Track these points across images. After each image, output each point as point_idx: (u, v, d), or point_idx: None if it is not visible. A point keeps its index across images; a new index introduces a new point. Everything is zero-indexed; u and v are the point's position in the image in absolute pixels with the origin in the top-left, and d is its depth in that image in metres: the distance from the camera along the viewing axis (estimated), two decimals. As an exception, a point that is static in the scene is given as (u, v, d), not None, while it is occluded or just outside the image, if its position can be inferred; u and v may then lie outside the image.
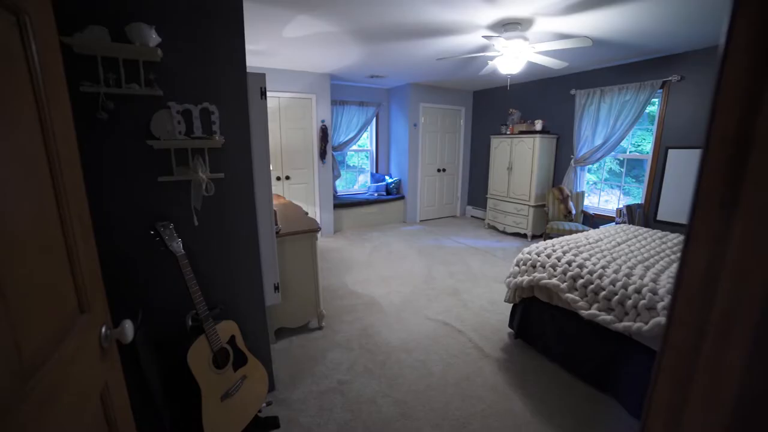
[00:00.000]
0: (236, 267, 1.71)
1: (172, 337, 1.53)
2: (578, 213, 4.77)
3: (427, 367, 2.33)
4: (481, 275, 3.93)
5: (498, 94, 6.05)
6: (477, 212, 6.73)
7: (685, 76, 3.79)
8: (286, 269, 2.45)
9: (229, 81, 1.54)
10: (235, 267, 1.70)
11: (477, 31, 3.00)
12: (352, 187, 6.66)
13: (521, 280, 2.35)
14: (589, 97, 4.53)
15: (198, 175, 1.44)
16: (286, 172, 5.00)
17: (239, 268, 1.72)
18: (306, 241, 2.51)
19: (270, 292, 1.89)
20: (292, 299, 2.53)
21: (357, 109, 5.90)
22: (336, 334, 2.70)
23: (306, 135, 5.07)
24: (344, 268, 4.12)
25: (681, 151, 3.90)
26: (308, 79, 4.88)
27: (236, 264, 1.71)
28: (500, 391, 2.11)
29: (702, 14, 2.73)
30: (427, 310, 3.10)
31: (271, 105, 4.70)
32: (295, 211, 3.15)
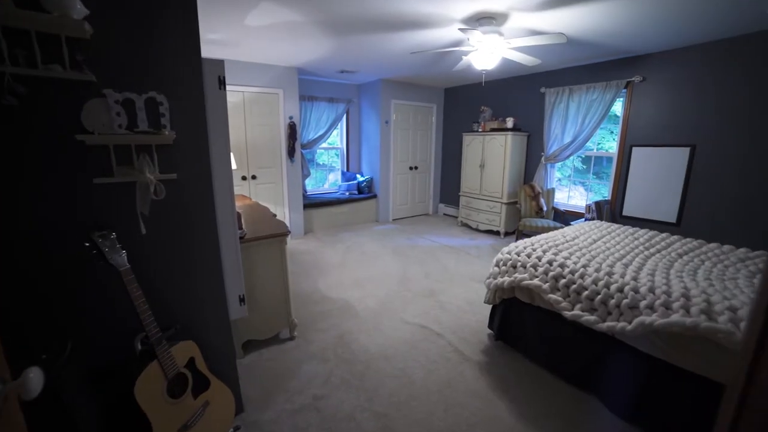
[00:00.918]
0: (194, 280, 1.50)
1: (119, 366, 1.31)
2: (549, 210, 4.85)
3: (407, 375, 2.22)
4: (457, 275, 3.88)
5: (469, 91, 6.05)
6: (449, 210, 6.73)
7: (647, 77, 3.92)
8: (253, 277, 2.25)
9: (181, 67, 1.32)
10: (192, 280, 1.50)
11: (452, 25, 2.92)
12: (322, 186, 6.44)
13: (502, 281, 2.29)
14: (559, 95, 4.60)
15: (144, 176, 1.23)
16: (252, 171, 4.72)
17: (198, 280, 1.52)
18: (274, 246, 2.32)
19: (235, 305, 1.70)
20: (260, 309, 2.33)
21: (326, 105, 5.70)
22: (310, 344, 2.53)
23: (273, 132, 4.81)
24: (316, 271, 3.94)
25: (644, 149, 4.04)
26: (274, 72, 4.62)
27: (194, 276, 1.50)
28: (484, 397, 2.04)
29: (666, 18, 2.80)
30: (404, 314, 3.00)
31: (234, 99, 4.41)
32: (262, 212, 2.94)
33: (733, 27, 3.09)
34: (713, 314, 1.60)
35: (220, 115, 1.47)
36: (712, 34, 3.27)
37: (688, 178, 3.76)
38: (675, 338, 1.64)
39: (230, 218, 1.66)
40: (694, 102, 3.65)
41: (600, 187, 4.94)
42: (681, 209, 3.84)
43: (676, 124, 3.80)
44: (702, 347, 1.58)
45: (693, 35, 3.30)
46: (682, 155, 3.78)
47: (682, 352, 1.63)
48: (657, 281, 1.84)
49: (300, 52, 3.98)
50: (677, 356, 1.65)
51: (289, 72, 4.73)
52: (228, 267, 1.65)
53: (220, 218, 1.59)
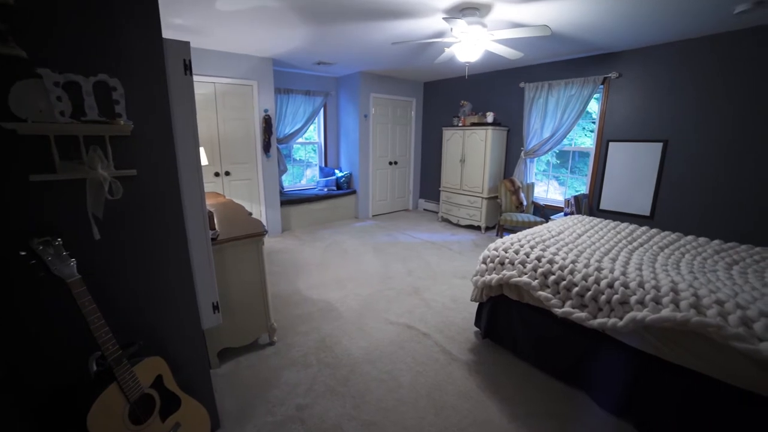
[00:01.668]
0: (160, 288, 1.34)
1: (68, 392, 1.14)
2: (529, 204, 4.89)
3: (394, 378, 2.13)
4: (440, 271, 3.83)
5: (449, 85, 6.00)
6: (429, 205, 6.70)
7: (623, 74, 3.99)
8: (228, 281, 2.09)
9: (138, 47, 1.15)
10: (158, 289, 1.33)
11: (434, 15, 2.83)
12: (299, 182, 6.24)
13: (490, 278, 2.24)
14: (538, 90, 4.62)
15: (96, 173, 1.06)
16: (225, 167, 4.48)
17: (164, 289, 1.35)
18: (251, 247, 2.16)
19: (208, 313, 1.55)
20: (237, 315, 2.17)
21: (303, 98, 5.49)
22: (291, 349, 2.39)
23: (247, 126, 4.57)
24: (295, 271, 3.78)
25: (620, 144, 4.11)
26: (248, 63, 4.39)
27: (160, 285, 1.34)
28: (474, 398, 1.98)
29: (641, 15, 2.82)
30: (388, 313, 2.91)
31: (205, 91, 4.15)
32: (237, 211, 2.76)
33: (703, 27, 3.17)
34: (701, 308, 1.59)
35: (187, 104, 1.31)
36: (684, 33, 3.35)
37: (661, 173, 3.86)
38: (665, 333, 1.63)
39: (200, 218, 1.51)
40: (665, 98, 3.74)
41: (573, 181, 5.03)
42: (654, 202, 3.95)
43: (649, 120, 3.89)
44: (691, 341, 1.58)
45: (665, 34, 3.37)
46: (655, 150, 3.88)
47: (671, 346, 1.63)
48: (645, 276, 1.83)
49: (275, 42, 3.77)
50: (667, 351, 1.64)
51: (264, 63, 4.51)
52: (199, 272, 1.49)
53: (189, 218, 1.44)
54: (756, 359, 1.43)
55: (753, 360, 1.44)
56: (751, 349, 1.42)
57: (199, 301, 1.47)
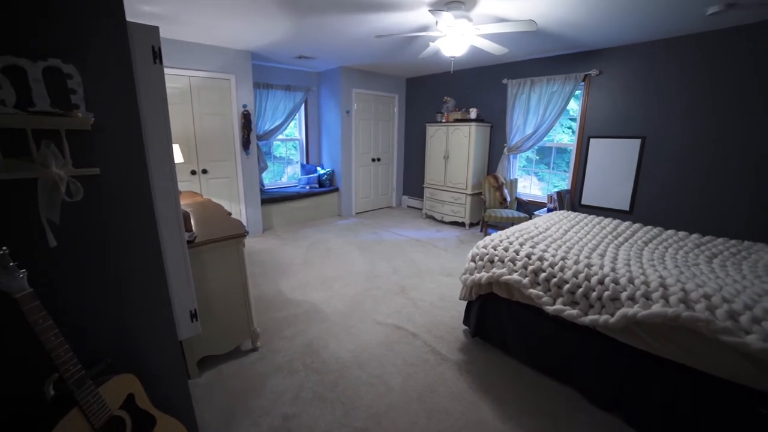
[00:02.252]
0: (130, 298, 1.22)
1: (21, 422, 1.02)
2: (513, 200, 4.92)
3: (385, 382, 2.07)
4: (426, 269, 3.79)
5: (432, 81, 5.96)
6: (413, 202, 6.66)
7: (603, 71, 4.04)
8: (207, 286, 1.97)
9: (97, 29, 1.02)
10: (127, 299, 1.21)
11: (419, 9, 2.75)
12: (279, 179, 6.07)
13: (479, 276, 2.20)
14: (520, 86, 4.63)
15: (50, 172, 0.93)
16: (202, 165, 4.28)
17: (135, 299, 1.23)
18: (231, 249, 2.04)
19: (185, 322, 1.44)
20: (217, 321, 2.05)
21: (283, 93, 5.33)
22: (275, 355, 2.29)
23: (225, 122, 4.39)
24: (278, 272, 3.66)
25: (601, 140, 4.18)
26: (225, 56, 4.20)
27: (129, 294, 1.22)
28: (466, 400, 1.95)
29: (622, 13, 2.85)
30: (375, 314, 2.84)
31: (179, 85, 3.94)
32: (215, 211, 2.62)
33: (679, 27, 3.25)
34: (690, 303, 1.60)
35: (157, 95, 1.19)
36: (660, 32, 3.42)
37: (639, 168, 3.95)
38: (655, 328, 1.64)
39: (175, 220, 1.39)
40: (643, 95, 3.82)
41: (551, 176, 5.11)
42: (633, 197, 4.03)
43: (628, 117, 3.96)
44: (681, 336, 1.59)
45: (643, 33, 3.43)
46: (634, 146, 3.96)
47: (662, 341, 1.63)
48: (635, 271, 1.84)
49: (254, 34, 3.61)
50: (657, 346, 1.65)
51: (242, 56, 4.33)
52: (175, 278, 1.38)
53: (162, 221, 1.32)
54: (743, 352, 1.45)
55: (741, 353, 1.46)
56: (739, 342, 1.43)
57: (175, 310, 1.35)
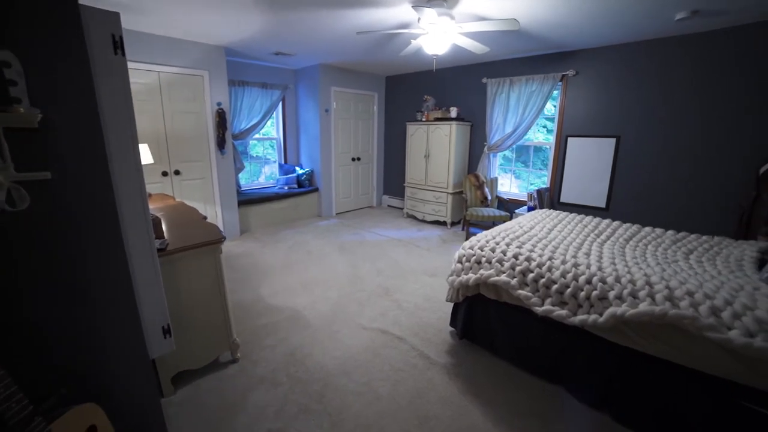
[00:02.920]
0: (91, 318, 1.09)
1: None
2: (493, 198, 4.95)
3: (372, 390, 2.00)
4: (409, 269, 3.75)
5: (411, 79, 5.92)
6: (394, 201, 6.62)
7: (580, 71, 4.12)
8: (182, 297, 1.83)
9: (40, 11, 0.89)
10: (88, 318, 1.08)
11: (401, 5, 2.69)
12: (256, 180, 5.88)
13: (467, 278, 2.17)
14: (500, 86, 4.66)
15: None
16: (174, 166, 4.06)
17: (98, 318, 1.11)
18: (207, 256, 1.91)
19: (157, 338, 1.32)
20: (193, 333, 1.92)
21: (260, 91, 5.15)
22: (256, 366, 2.18)
23: (199, 120, 4.18)
24: (257, 276, 3.52)
25: (578, 139, 4.26)
26: (198, 51, 3.99)
27: (90, 313, 1.09)
28: (456, 404, 1.91)
29: (599, 14, 2.89)
30: (360, 318, 2.77)
31: (147, 80, 3.71)
32: (189, 215, 2.47)
33: (650, 31, 3.37)
34: (675, 300, 1.62)
35: (120, 89, 1.07)
36: (633, 35, 3.53)
37: (615, 167, 4.06)
38: (642, 326, 1.65)
39: (143, 226, 1.27)
40: (617, 96, 3.92)
41: (528, 174, 5.19)
42: (609, 195, 4.14)
43: (603, 116, 4.06)
44: (667, 333, 1.60)
45: (617, 35, 3.53)
46: (609, 145, 4.06)
47: (649, 339, 1.64)
48: (620, 270, 1.85)
49: (228, 28, 3.45)
50: (644, 343, 1.66)
51: (216, 51, 4.13)
52: (144, 292, 1.26)
53: (129, 228, 1.20)
54: (727, 348, 1.47)
55: (724, 348, 1.48)
56: (723, 338, 1.46)
57: (145, 326, 1.23)
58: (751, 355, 1.42)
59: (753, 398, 1.48)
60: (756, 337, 1.43)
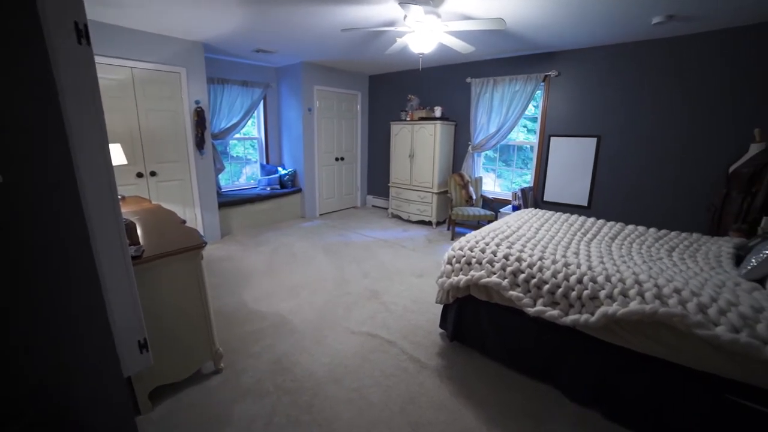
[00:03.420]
0: (55, 336, 0.99)
1: None
2: (478, 198, 4.97)
3: (364, 397, 1.95)
4: (396, 271, 3.71)
5: (395, 79, 5.89)
6: (378, 201, 6.57)
7: (562, 72, 4.18)
8: (161, 306, 1.72)
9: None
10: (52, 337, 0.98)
11: (386, 2, 2.64)
12: (237, 180, 5.71)
13: (458, 279, 2.14)
14: (484, 86, 4.68)
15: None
16: (150, 167, 3.88)
17: (63, 336, 1.01)
18: (187, 263, 1.81)
19: (132, 354, 1.22)
20: (173, 344, 1.81)
21: (240, 89, 5.00)
22: (241, 376, 2.08)
23: (176, 119, 4.01)
24: (240, 281, 3.40)
25: (560, 138, 4.32)
26: (174, 46, 3.82)
27: (54, 331, 0.99)
28: (450, 408, 1.87)
29: (582, 15, 2.94)
30: (348, 322, 2.70)
31: (120, 77, 3.52)
32: (167, 219, 2.34)
33: (628, 34, 3.46)
34: (664, 298, 1.64)
35: (85, 84, 0.98)
36: (613, 38, 3.61)
37: (596, 166, 4.14)
38: (633, 324, 1.66)
39: (114, 232, 1.17)
40: (598, 96, 4.00)
41: (510, 173, 5.25)
42: (591, 193, 4.22)
43: (585, 116, 4.13)
44: (657, 331, 1.61)
45: (597, 37, 3.60)
46: (590, 145, 4.14)
47: (639, 337, 1.65)
48: (610, 269, 1.86)
49: (206, 23, 3.31)
50: (635, 341, 1.67)
51: (193, 47, 3.97)
52: (117, 304, 1.16)
53: (98, 234, 1.10)
54: (714, 344, 1.49)
55: (712, 345, 1.50)
56: (711, 335, 1.48)
57: (118, 342, 1.13)
58: (737, 350, 1.44)
59: (739, 392, 1.50)
60: (741, 333, 1.46)
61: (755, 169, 2.92)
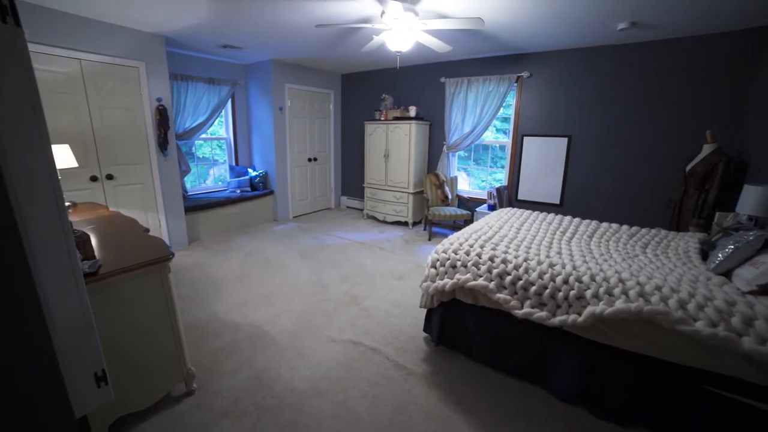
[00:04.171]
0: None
1: None
2: (454, 197, 4.99)
3: (350, 409, 1.85)
4: (376, 274, 3.63)
5: (368, 78, 5.80)
6: (353, 203, 6.47)
7: (534, 73, 4.27)
8: (122, 327, 1.54)
9: None
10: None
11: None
12: (204, 182, 5.41)
13: (443, 284, 2.09)
14: (458, 85, 4.70)
15: None
16: (106, 170, 3.56)
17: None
18: (152, 277, 1.63)
19: (87, 389, 1.06)
20: (137, 370, 1.63)
21: (207, 87, 4.72)
22: (216, 397, 1.92)
23: (135, 118, 3.70)
24: (211, 291, 3.19)
25: (533, 138, 4.41)
26: (131, 39, 3.51)
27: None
28: (439, 416, 1.82)
29: (553, 18, 2.99)
30: (328, 330, 2.60)
31: (66, 69, 3.18)
32: (127, 228, 2.13)
33: (595, 38, 3.58)
34: (646, 295, 1.67)
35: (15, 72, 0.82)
36: (582, 41, 3.73)
37: (567, 165, 4.26)
38: (618, 323, 1.67)
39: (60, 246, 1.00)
40: (569, 97, 4.12)
41: (479, 171, 5.32)
42: (563, 191, 4.34)
43: (556, 116, 4.24)
44: (641, 328, 1.64)
45: (568, 40, 3.70)
46: (562, 144, 4.25)
47: (624, 335, 1.67)
48: (593, 268, 1.88)
49: (168, 14, 3.07)
50: (620, 339, 1.69)
51: (153, 40, 3.68)
52: (65, 331, 0.99)
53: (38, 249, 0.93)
54: (695, 339, 1.53)
55: (693, 340, 1.54)
56: (693, 330, 1.51)
57: (68, 377, 0.97)
58: (717, 343, 1.48)
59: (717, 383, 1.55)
60: (719, 327, 1.50)
61: (708, 168, 3.11)
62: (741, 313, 1.51)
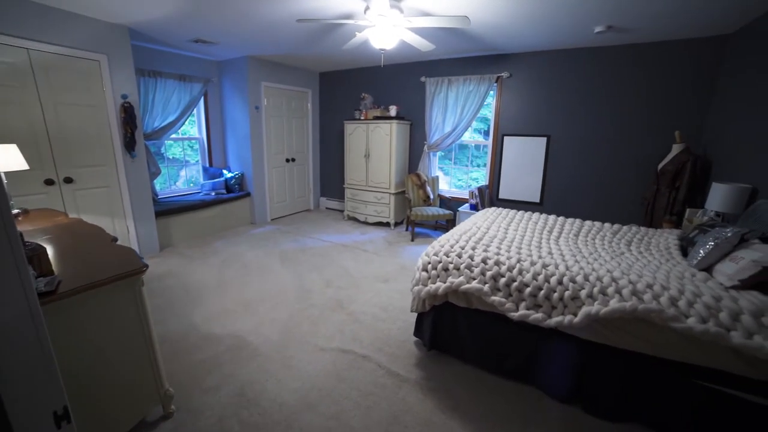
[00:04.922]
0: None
1: None
2: (435, 197, 4.97)
3: (343, 422, 1.76)
4: (360, 276, 3.54)
5: (346, 76, 5.69)
6: (332, 204, 6.34)
7: (513, 74, 4.31)
8: (87, 353, 1.38)
9: None
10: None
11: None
12: (174, 184, 5.13)
13: (435, 287, 2.04)
14: (438, 85, 4.68)
15: None
16: (64, 173, 3.27)
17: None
18: (123, 292, 1.47)
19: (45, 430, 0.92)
20: (106, 397, 1.47)
21: (177, 84, 4.47)
22: (198, 418, 1.78)
23: (97, 116, 3.42)
24: (186, 300, 3.00)
25: (513, 138, 4.46)
26: (89, 28, 3.22)
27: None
28: (436, 423, 1.77)
29: (533, 22, 3.03)
30: (316, 338, 2.49)
31: (12, 59, 2.81)
32: (92, 237, 1.94)
33: (574, 41, 3.66)
34: (639, 294, 1.68)
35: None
36: (560, 43, 3.80)
37: (546, 164, 4.33)
38: (612, 321, 1.67)
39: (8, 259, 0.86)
40: (547, 97, 4.19)
41: (456, 171, 5.35)
42: (543, 190, 4.41)
43: (535, 116, 4.30)
44: (634, 326, 1.65)
45: (546, 42, 3.76)
46: (541, 144, 4.31)
47: (619, 333, 1.68)
48: (585, 267, 1.88)
49: (132, 4, 2.85)
50: (614, 338, 1.69)
51: (116, 32, 3.41)
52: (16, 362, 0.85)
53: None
54: (688, 335, 1.55)
55: (686, 336, 1.56)
56: (685, 327, 1.53)
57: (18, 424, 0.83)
58: (708, 339, 1.50)
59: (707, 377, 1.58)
60: (709, 322, 1.53)
61: (677, 167, 3.24)
62: (728, 308, 1.54)
